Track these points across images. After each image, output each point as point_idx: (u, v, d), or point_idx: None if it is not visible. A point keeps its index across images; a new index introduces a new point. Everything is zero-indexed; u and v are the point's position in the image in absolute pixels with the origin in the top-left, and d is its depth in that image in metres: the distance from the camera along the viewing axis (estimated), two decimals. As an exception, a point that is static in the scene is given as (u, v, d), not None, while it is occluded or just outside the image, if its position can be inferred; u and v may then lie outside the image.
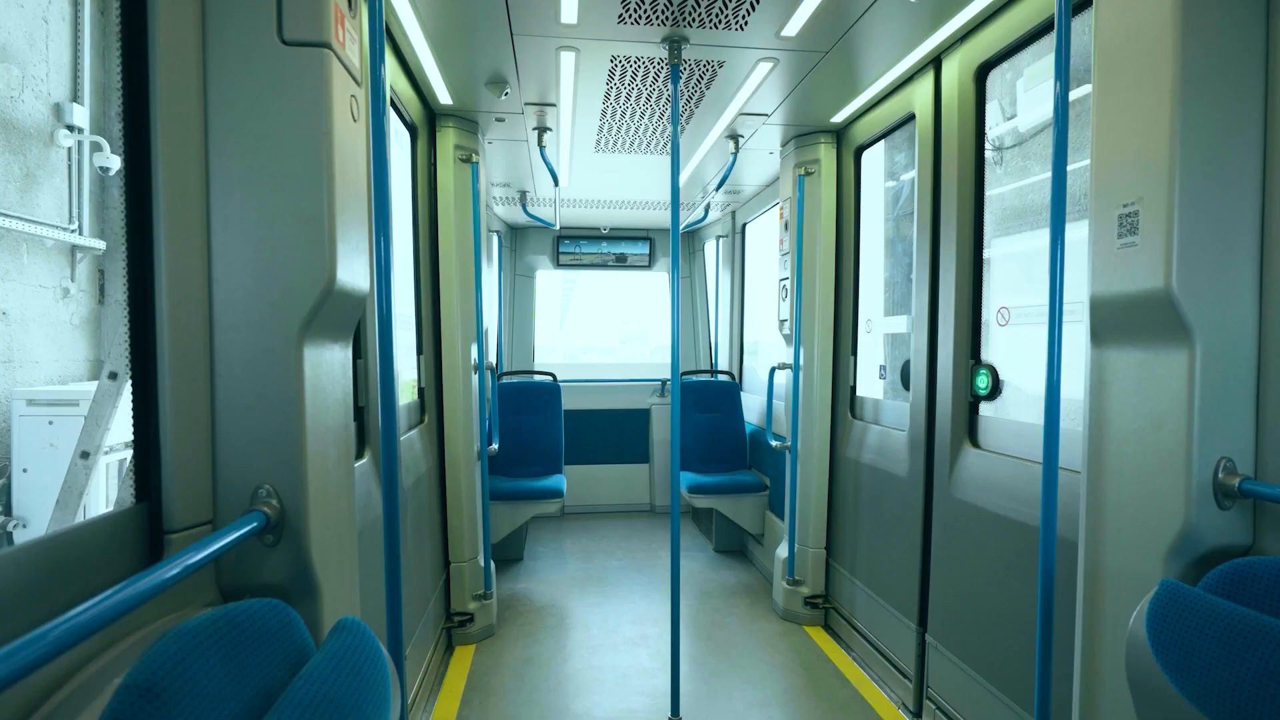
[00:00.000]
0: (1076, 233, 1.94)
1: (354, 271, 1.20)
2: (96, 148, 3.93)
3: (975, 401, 2.31)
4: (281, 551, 1.10)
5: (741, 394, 4.92)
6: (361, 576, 1.37)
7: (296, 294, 1.09)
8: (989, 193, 2.31)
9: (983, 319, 2.31)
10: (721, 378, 5.10)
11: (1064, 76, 1.40)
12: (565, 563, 4.36)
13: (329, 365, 1.20)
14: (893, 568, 2.77)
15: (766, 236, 5.10)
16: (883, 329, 3.16)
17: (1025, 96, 2.24)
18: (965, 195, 2.31)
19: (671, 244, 2.39)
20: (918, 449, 2.57)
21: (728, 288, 5.42)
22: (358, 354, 2.05)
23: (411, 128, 2.86)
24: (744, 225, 5.16)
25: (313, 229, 1.09)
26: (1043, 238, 2.13)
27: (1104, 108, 1.37)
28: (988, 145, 2.31)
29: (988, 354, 2.30)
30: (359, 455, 2.04)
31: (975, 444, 2.29)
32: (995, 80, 2.27)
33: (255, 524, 1.04)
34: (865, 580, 3.01)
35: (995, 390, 2.21)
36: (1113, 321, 1.38)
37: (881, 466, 2.87)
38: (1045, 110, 2.16)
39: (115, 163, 3.97)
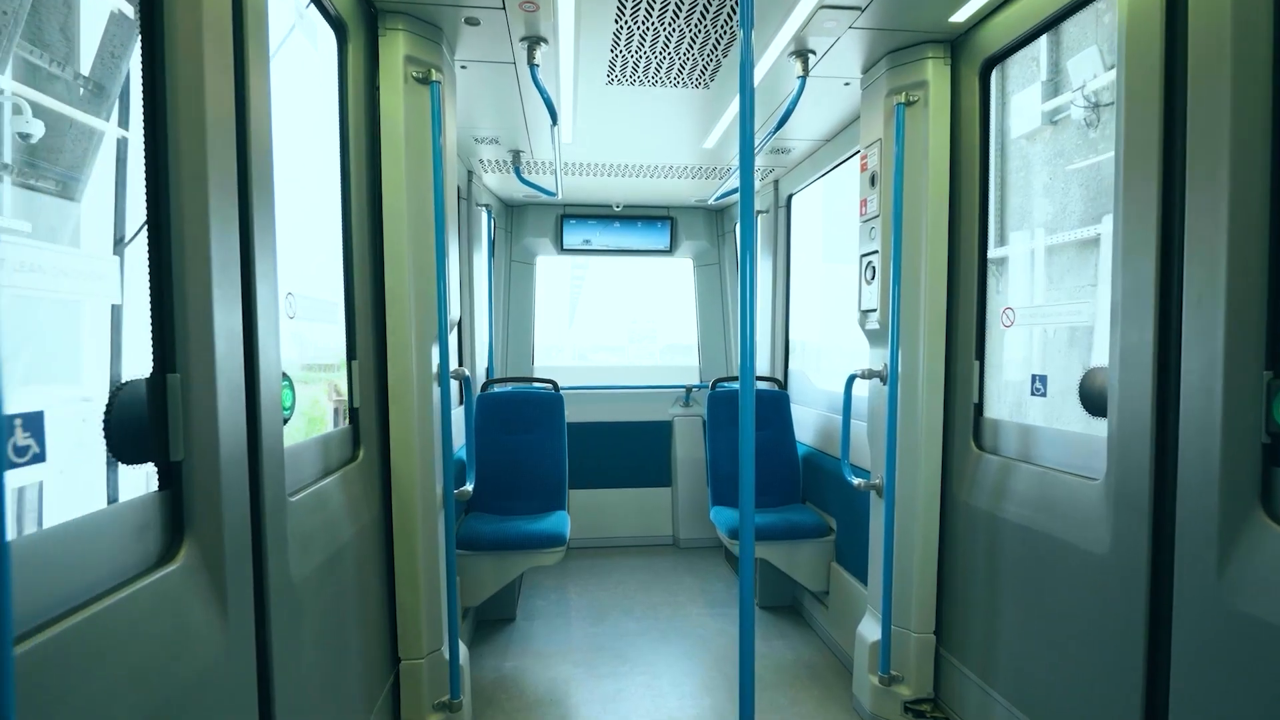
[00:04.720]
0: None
1: None
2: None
3: (1273, 443, 1.34)
4: None
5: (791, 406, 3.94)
6: None
7: None
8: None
9: (1286, 300, 1.34)
10: (764, 385, 4.11)
11: None
12: (569, 624, 3.40)
13: None
14: (1075, 690, 1.79)
15: (817, 211, 4.12)
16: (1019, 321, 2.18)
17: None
18: (1247, 101, 1.34)
19: (742, 199, 1.45)
20: (1133, 512, 1.59)
21: (769, 275, 4.42)
22: (169, 367, 1.11)
23: (338, 24, 1.92)
24: (790, 197, 4.17)
25: None
26: None
27: None
28: None
29: (1298, 361, 1.32)
30: (168, 559, 1.10)
31: (1276, 518, 1.32)
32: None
33: None
34: (1010, 694, 2.04)
35: (1333, 427, 1.24)
36: None
37: (1043, 529, 1.89)
38: None
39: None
